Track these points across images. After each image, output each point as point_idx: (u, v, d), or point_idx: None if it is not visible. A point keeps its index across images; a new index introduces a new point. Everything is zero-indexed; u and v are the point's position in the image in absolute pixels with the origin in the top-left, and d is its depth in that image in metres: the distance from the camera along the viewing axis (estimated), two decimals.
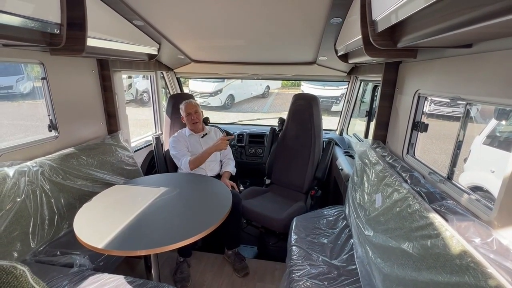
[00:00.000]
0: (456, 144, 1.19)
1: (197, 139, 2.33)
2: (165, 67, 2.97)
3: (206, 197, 1.66)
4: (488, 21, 0.63)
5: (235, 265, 2.02)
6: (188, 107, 2.27)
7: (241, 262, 2.04)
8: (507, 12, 0.56)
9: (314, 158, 2.39)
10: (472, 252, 0.77)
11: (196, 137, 2.34)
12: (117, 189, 1.73)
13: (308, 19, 1.66)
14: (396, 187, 1.29)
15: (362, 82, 2.82)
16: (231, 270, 2.03)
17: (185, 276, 1.89)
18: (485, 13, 0.63)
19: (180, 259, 1.98)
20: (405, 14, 0.88)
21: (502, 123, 3.03)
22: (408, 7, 0.85)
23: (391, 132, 1.80)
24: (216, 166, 2.38)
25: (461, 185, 1.14)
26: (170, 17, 1.73)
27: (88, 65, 2.02)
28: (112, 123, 2.23)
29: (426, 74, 1.37)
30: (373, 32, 1.10)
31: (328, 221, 1.84)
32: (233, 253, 2.08)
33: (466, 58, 1.07)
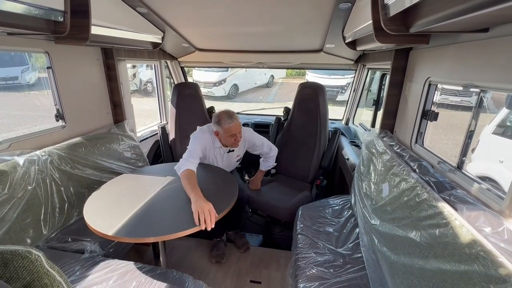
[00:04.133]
0: (468, 133, 1.17)
1: (222, 153, 2.05)
2: (169, 56, 2.94)
3: (213, 187, 1.67)
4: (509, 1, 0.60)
5: (237, 242, 2.14)
6: (235, 127, 1.83)
7: (241, 239, 2.16)
8: None
9: (320, 147, 2.37)
10: (482, 241, 0.76)
11: (223, 150, 2.04)
12: (124, 178, 1.75)
13: (316, 4, 1.61)
14: (404, 176, 1.28)
15: (370, 71, 2.76)
16: (236, 258, 2.07)
17: (220, 253, 2.04)
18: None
19: (216, 240, 2.13)
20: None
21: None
22: None
23: (399, 121, 1.77)
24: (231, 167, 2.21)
25: (471, 175, 1.12)
26: (174, 4, 1.70)
27: (93, 54, 2.01)
28: (118, 113, 2.23)
29: (438, 61, 1.33)
30: (385, 16, 1.06)
31: (333, 210, 1.85)
32: (233, 232, 2.19)
33: (482, 43, 1.03)
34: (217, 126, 1.85)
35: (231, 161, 2.12)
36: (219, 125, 1.84)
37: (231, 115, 1.84)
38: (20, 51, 1.63)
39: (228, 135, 1.84)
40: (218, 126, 1.85)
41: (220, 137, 1.90)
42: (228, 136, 1.84)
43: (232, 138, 1.85)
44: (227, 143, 1.91)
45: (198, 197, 1.37)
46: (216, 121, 1.85)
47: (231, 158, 2.09)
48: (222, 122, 1.82)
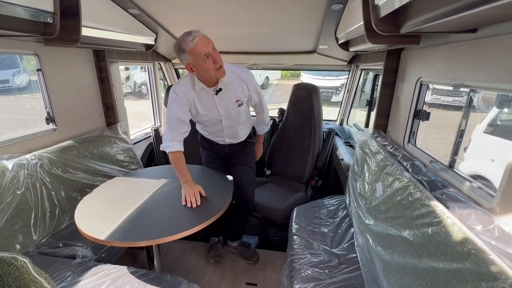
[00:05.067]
0: (458, 132, 1.18)
1: (210, 96, 1.56)
2: (163, 58, 2.92)
3: (207, 189, 1.65)
4: (496, 1, 0.60)
5: (245, 254, 2.05)
6: (202, 42, 1.34)
7: (249, 249, 2.08)
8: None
9: (314, 148, 2.38)
10: (473, 239, 0.77)
11: (209, 92, 1.54)
12: (117, 181, 1.73)
13: (309, 5, 1.62)
14: (397, 176, 1.29)
15: (363, 71, 2.79)
16: (233, 260, 2.05)
17: (219, 253, 2.02)
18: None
19: (214, 240, 2.09)
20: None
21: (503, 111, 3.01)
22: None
23: (392, 121, 1.78)
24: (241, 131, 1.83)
25: (462, 173, 1.13)
26: (167, 5, 1.69)
27: (84, 56, 1.98)
28: (111, 115, 2.21)
29: (429, 61, 1.35)
30: (376, 17, 1.07)
31: (328, 211, 1.85)
32: (239, 244, 2.10)
33: (471, 44, 1.05)
34: (183, 55, 1.37)
35: (229, 108, 1.62)
36: (183, 52, 1.36)
37: (189, 32, 1.36)
38: (8, 53, 1.60)
39: (201, 59, 1.35)
40: (183, 54, 1.37)
41: (197, 69, 1.40)
42: (203, 61, 1.35)
43: (209, 61, 1.36)
44: (209, 73, 1.40)
45: (185, 183, 1.48)
46: (178, 50, 1.38)
47: (226, 103, 1.60)
48: (183, 46, 1.34)
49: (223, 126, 1.73)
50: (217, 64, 1.40)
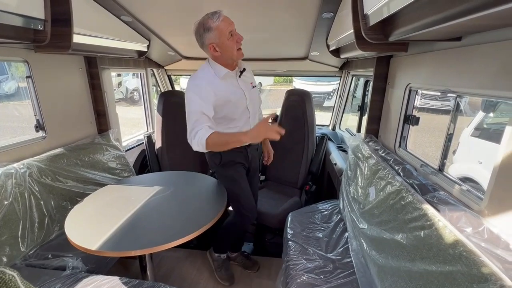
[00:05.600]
0: (447, 136, 1.21)
1: (234, 80, 1.52)
2: (156, 64, 2.92)
3: (201, 196, 1.64)
4: (478, 13, 0.63)
5: (246, 264, 2.03)
6: (227, 20, 1.36)
7: (250, 259, 2.06)
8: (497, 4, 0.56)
9: (308, 153, 2.40)
10: (464, 241, 0.78)
11: (233, 76, 1.51)
12: (109, 189, 1.70)
13: (300, 14, 1.65)
14: (389, 180, 1.31)
15: (354, 77, 2.84)
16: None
17: (231, 273, 1.92)
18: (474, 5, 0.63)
19: (221, 257, 1.92)
20: (396, 8, 0.89)
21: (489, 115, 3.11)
22: (399, 1, 0.85)
23: (383, 126, 1.82)
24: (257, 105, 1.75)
25: (452, 177, 1.16)
26: (159, 12, 1.70)
27: (75, 63, 1.96)
28: (102, 122, 2.18)
29: (417, 67, 1.39)
30: (365, 26, 1.10)
31: (322, 216, 1.86)
32: (239, 254, 2.07)
33: (456, 51, 1.09)
34: (207, 34, 1.34)
35: (250, 90, 1.59)
36: (208, 31, 1.33)
37: (213, 12, 1.35)
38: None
39: (226, 37, 1.35)
40: (208, 33, 1.34)
41: (221, 48, 1.37)
42: (228, 40, 1.35)
43: (233, 40, 1.37)
44: (232, 53, 1.40)
45: (248, 132, 1.32)
46: (204, 30, 1.34)
47: (247, 86, 1.58)
48: (209, 23, 1.32)
49: (250, 112, 1.60)
50: (239, 44, 1.42)
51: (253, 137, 1.32)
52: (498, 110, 3.04)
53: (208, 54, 1.45)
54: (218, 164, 1.66)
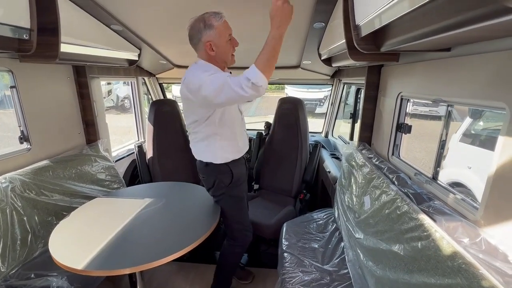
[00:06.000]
0: (440, 144, 1.22)
1: None
2: (147, 72, 2.89)
3: (193, 207, 1.60)
4: (468, 26, 0.64)
5: (240, 275, 1.97)
6: (227, 23, 1.34)
7: (244, 270, 2.01)
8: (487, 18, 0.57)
9: (301, 161, 2.39)
10: (462, 253, 0.77)
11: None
12: (97, 202, 1.63)
13: (292, 23, 1.65)
14: (384, 189, 1.30)
15: (345, 85, 2.88)
16: None
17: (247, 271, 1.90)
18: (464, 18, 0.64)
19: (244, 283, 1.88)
20: (388, 20, 0.89)
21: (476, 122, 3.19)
22: (390, 13, 0.86)
23: (376, 134, 1.83)
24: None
25: (446, 185, 1.16)
26: (150, 21, 1.68)
27: (63, 72, 1.91)
28: (91, 132, 2.12)
29: (408, 77, 1.41)
30: (357, 36, 1.11)
31: (318, 225, 1.83)
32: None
33: (446, 61, 1.11)
34: (207, 31, 1.28)
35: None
36: (209, 28, 1.27)
37: (215, 11, 1.30)
38: None
39: (225, 38, 1.32)
40: (208, 30, 1.28)
41: (217, 48, 1.32)
42: (226, 42, 1.33)
43: (231, 43, 1.36)
44: (227, 56, 1.37)
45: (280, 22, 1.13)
46: (204, 26, 1.28)
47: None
48: (212, 21, 1.27)
49: (241, 115, 1.57)
50: (234, 50, 1.40)
51: (284, 24, 1.16)
52: (484, 116, 3.13)
53: (200, 53, 1.37)
54: (229, 183, 1.50)
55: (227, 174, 1.49)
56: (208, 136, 1.44)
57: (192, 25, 1.33)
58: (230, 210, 1.57)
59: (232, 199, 1.56)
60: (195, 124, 1.43)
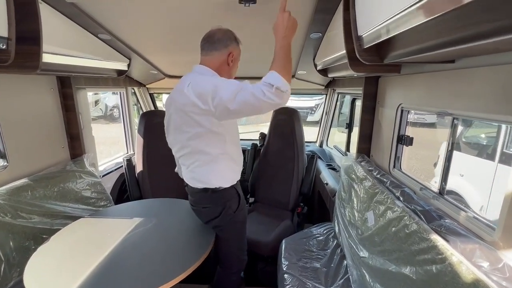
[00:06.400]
0: (446, 157, 1.18)
1: None
2: (137, 82, 2.79)
3: (187, 227, 1.49)
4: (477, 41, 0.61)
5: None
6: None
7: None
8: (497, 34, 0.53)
9: (298, 173, 2.32)
10: (486, 282, 0.71)
11: None
12: (81, 224, 1.50)
13: None
14: (389, 205, 1.24)
15: (339, 95, 2.86)
16: None
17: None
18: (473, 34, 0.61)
19: None
20: (393, 33, 0.85)
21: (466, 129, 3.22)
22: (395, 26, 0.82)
23: (375, 145, 1.79)
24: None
25: (456, 202, 1.11)
26: (141, 30, 1.61)
27: (46, 83, 1.79)
28: (76, 147, 1.99)
29: (409, 88, 1.37)
30: (360, 47, 1.06)
31: (318, 242, 1.75)
32: None
33: (450, 73, 1.07)
34: (235, 44, 1.30)
35: None
36: (237, 43, 1.31)
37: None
38: None
39: (239, 57, 1.37)
40: (235, 44, 1.30)
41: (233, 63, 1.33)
42: (238, 61, 1.37)
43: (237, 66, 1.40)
44: (233, 74, 1.39)
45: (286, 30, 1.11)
46: (234, 38, 1.30)
47: None
48: (238, 40, 1.31)
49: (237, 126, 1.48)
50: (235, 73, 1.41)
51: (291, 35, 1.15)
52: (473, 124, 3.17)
53: (212, 59, 1.28)
54: (236, 208, 1.36)
55: (234, 198, 1.36)
56: (217, 157, 1.27)
57: (223, 30, 1.29)
58: (234, 238, 1.43)
59: (238, 225, 1.41)
60: (198, 141, 1.24)
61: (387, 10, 0.82)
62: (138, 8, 1.34)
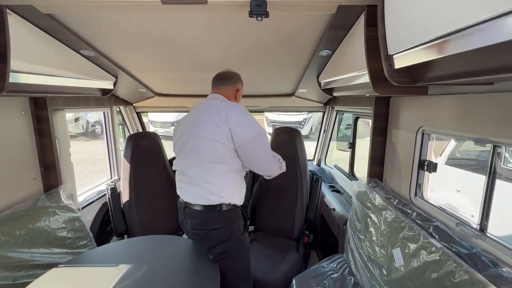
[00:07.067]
0: (488, 188, 1.04)
1: None
2: (123, 101, 2.56)
3: (186, 275, 1.26)
4: None
5: None
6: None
7: None
8: None
9: (303, 198, 2.14)
10: None
11: None
12: (54, 275, 1.23)
13: (296, 51, 1.50)
14: (423, 244, 1.09)
15: (338, 112, 2.77)
16: None
17: None
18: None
19: None
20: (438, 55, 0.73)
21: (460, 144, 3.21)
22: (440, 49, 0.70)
23: (389, 170, 1.66)
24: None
25: (505, 242, 0.96)
26: (129, 46, 1.42)
27: (15, 106, 1.54)
28: (51, 177, 1.71)
29: (432, 110, 1.26)
30: (390, 67, 0.93)
31: (333, 280, 1.55)
32: None
33: (488, 97, 0.96)
34: (241, 84, 1.55)
35: None
36: (242, 84, 1.56)
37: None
38: None
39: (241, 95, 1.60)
40: (241, 84, 1.55)
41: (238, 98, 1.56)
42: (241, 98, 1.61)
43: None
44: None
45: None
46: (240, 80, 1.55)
47: None
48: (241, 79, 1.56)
49: None
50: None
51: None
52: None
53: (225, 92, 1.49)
54: (243, 229, 1.37)
55: (241, 219, 1.38)
56: (234, 170, 1.33)
57: (233, 72, 1.54)
58: (241, 265, 1.34)
59: (244, 249, 1.37)
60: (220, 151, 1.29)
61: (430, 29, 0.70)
62: (126, 21, 1.16)
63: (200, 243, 1.39)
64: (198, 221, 1.32)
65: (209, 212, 1.29)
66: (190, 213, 1.34)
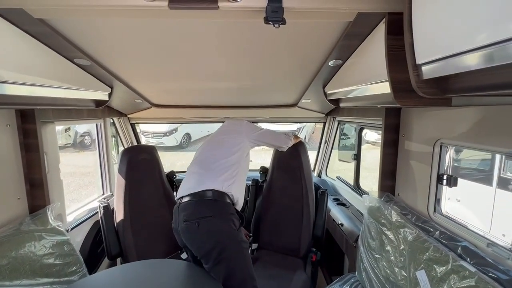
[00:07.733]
0: None
1: None
2: (117, 112, 2.43)
3: None
4: None
5: None
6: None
7: None
8: None
9: (309, 213, 2.04)
10: None
11: None
12: None
13: (305, 61, 1.43)
14: (453, 267, 1.00)
15: (340, 123, 2.72)
16: None
17: None
18: None
19: None
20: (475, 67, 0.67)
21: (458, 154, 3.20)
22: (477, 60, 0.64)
23: (403, 184, 1.59)
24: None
25: None
26: (126, 55, 1.32)
27: (0, 118, 1.41)
28: (37, 196, 1.56)
29: (451, 121, 1.20)
30: (418, 78, 0.87)
31: None
32: None
33: None
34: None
35: None
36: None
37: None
38: None
39: None
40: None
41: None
42: None
43: None
44: None
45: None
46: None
47: None
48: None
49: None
50: None
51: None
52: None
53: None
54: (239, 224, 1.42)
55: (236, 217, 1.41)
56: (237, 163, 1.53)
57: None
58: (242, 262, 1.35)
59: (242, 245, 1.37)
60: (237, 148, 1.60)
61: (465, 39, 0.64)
62: (126, 28, 1.07)
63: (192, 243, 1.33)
64: (190, 211, 1.33)
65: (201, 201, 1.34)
66: (183, 206, 1.36)
